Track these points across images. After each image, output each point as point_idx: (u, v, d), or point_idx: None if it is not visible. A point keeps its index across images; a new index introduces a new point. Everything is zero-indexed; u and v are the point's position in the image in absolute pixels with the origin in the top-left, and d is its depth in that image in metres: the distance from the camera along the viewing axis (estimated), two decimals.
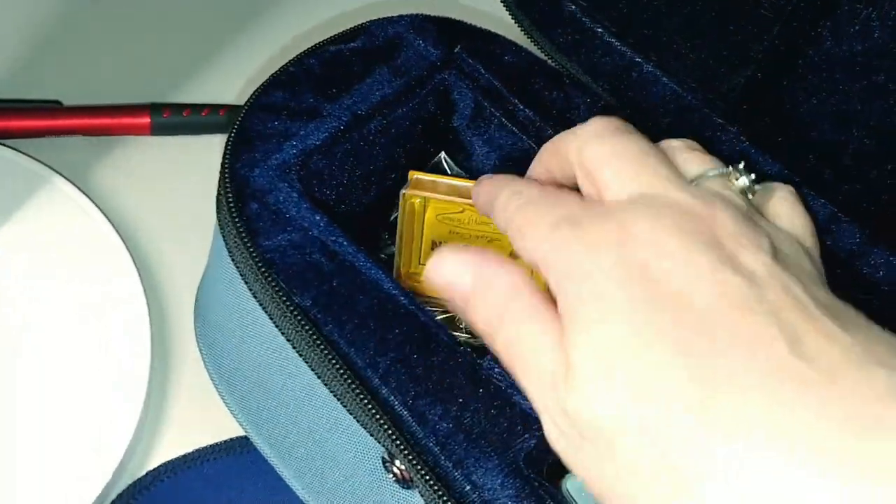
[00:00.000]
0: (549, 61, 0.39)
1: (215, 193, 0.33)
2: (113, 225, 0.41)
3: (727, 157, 0.37)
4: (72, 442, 0.36)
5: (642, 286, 0.22)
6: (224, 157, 0.32)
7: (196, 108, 0.43)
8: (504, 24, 0.39)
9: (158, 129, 0.43)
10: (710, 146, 0.38)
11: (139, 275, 0.40)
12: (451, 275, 0.25)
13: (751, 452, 0.19)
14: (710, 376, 0.20)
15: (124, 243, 0.40)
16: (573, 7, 0.38)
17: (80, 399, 0.37)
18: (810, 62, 0.37)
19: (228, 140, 0.32)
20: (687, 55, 0.37)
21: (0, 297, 0.39)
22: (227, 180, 0.32)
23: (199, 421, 0.38)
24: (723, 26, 0.36)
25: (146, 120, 0.43)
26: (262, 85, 0.34)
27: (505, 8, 0.39)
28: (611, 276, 0.22)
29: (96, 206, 0.41)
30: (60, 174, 0.41)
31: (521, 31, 0.39)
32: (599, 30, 0.38)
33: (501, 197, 0.27)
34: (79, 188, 0.41)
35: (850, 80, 0.37)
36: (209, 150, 0.43)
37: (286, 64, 0.34)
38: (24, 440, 0.36)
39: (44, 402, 0.37)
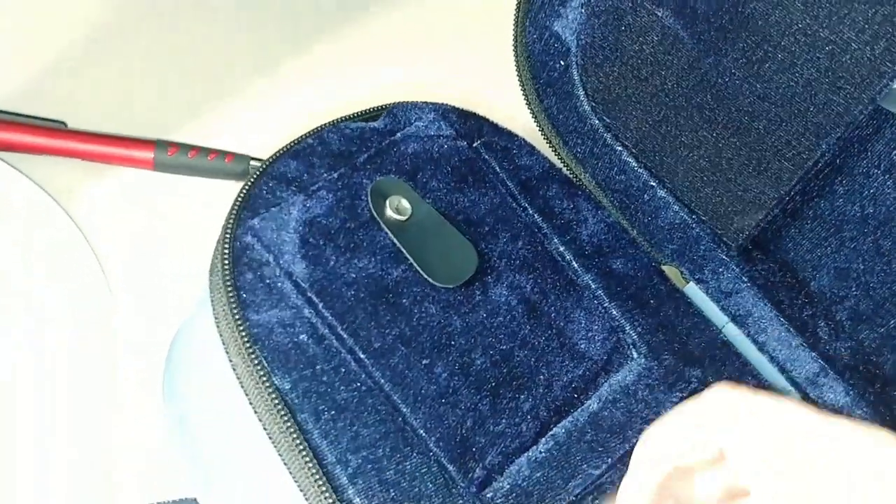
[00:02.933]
0: (565, 169, 0.39)
1: (208, 243, 0.32)
2: (97, 258, 0.40)
3: (725, 293, 0.38)
4: None
5: None
6: (227, 221, 0.31)
7: (203, 150, 0.42)
8: (527, 129, 0.39)
9: (161, 166, 0.42)
10: (710, 280, 0.38)
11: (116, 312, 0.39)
12: None
13: None
14: None
15: (105, 277, 0.39)
16: (596, 122, 0.38)
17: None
18: (820, 214, 0.37)
19: (235, 203, 0.32)
20: (702, 189, 0.37)
21: None
22: (225, 245, 0.31)
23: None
24: (742, 169, 0.36)
25: (150, 155, 0.42)
26: (278, 152, 0.33)
27: (529, 111, 0.39)
28: None
29: (83, 234, 0.40)
30: (51, 196, 0.40)
31: (542, 136, 0.39)
32: (619, 148, 0.38)
33: None
34: (69, 215, 0.40)
35: (856, 239, 0.37)
36: (210, 195, 0.42)
37: (305, 134, 0.34)
38: None
39: None
